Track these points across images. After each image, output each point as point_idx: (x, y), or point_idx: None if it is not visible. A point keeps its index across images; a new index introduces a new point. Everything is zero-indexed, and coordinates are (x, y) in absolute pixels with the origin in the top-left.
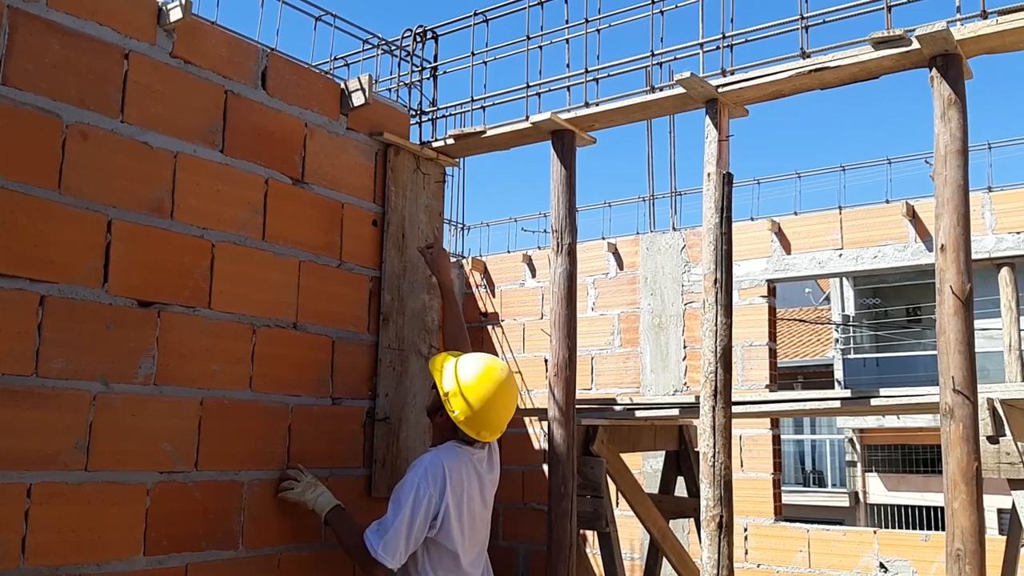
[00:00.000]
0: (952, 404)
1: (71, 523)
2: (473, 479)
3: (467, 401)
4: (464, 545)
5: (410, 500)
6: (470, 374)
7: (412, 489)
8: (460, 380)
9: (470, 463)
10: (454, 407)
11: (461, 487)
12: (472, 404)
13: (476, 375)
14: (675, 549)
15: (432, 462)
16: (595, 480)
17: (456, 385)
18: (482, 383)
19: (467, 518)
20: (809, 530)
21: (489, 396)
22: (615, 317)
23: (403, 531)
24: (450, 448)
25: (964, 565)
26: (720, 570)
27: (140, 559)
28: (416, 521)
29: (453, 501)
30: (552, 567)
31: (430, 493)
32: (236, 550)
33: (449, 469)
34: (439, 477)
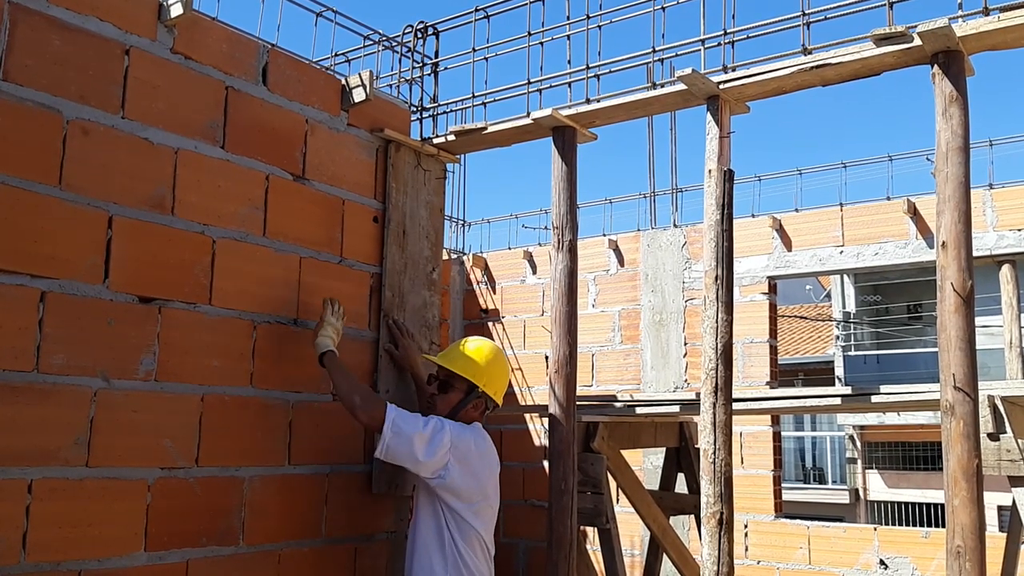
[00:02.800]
0: (953, 401)
1: (72, 519)
2: (492, 450)
3: (495, 371)
4: (490, 528)
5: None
6: (487, 349)
7: (440, 428)
8: (483, 355)
9: (486, 435)
10: (486, 379)
11: (481, 450)
12: (499, 375)
13: (491, 349)
14: (675, 545)
15: (462, 431)
16: (596, 476)
17: (482, 359)
18: (498, 355)
19: (492, 496)
20: (809, 527)
21: (504, 366)
22: (616, 314)
23: (408, 432)
24: (477, 425)
25: (964, 562)
26: (720, 567)
27: (141, 555)
28: (427, 440)
29: (487, 472)
30: (552, 563)
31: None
32: (237, 546)
33: (472, 434)
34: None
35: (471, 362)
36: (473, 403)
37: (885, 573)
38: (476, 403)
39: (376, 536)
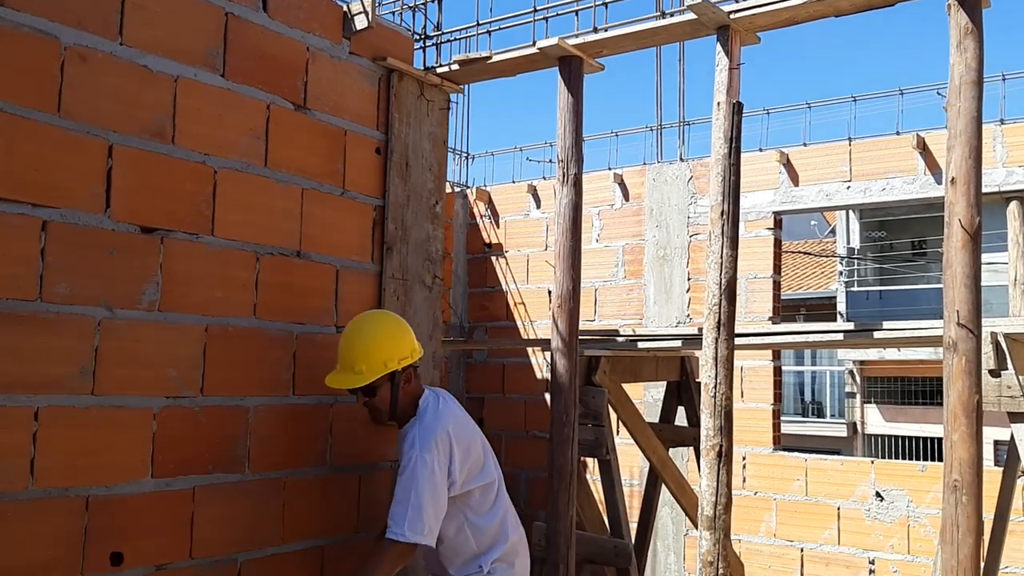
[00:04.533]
0: (956, 338)
1: (79, 446)
2: (457, 406)
3: (394, 344)
4: (492, 466)
5: (423, 473)
6: (373, 333)
7: (423, 464)
8: (375, 341)
9: (443, 394)
10: (395, 358)
11: (461, 428)
12: (398, 343)
13: (375, 330)
14: (674, 476)
15: (427, 426)
16: (597, 409)
17: (376, 346)
18: (383, 327)
19: (480, 443)
20: (807, 459)
21: (394, 327)
22: (619, 249)
23: (425, 504)
24: (429, 400)
25: (961, 495)
26: (718, 497)
27: (148, 481)
28: (437, 491)
29: (463, 448)
30: (553, 493)
31: (439, 459)
32: (243, 474)
33: (442, 421)
34: (443, 438)
35: (371, 359)
36: (403, 381)
37: (880, 505)
38: (405, 378)
39: (380, 465)
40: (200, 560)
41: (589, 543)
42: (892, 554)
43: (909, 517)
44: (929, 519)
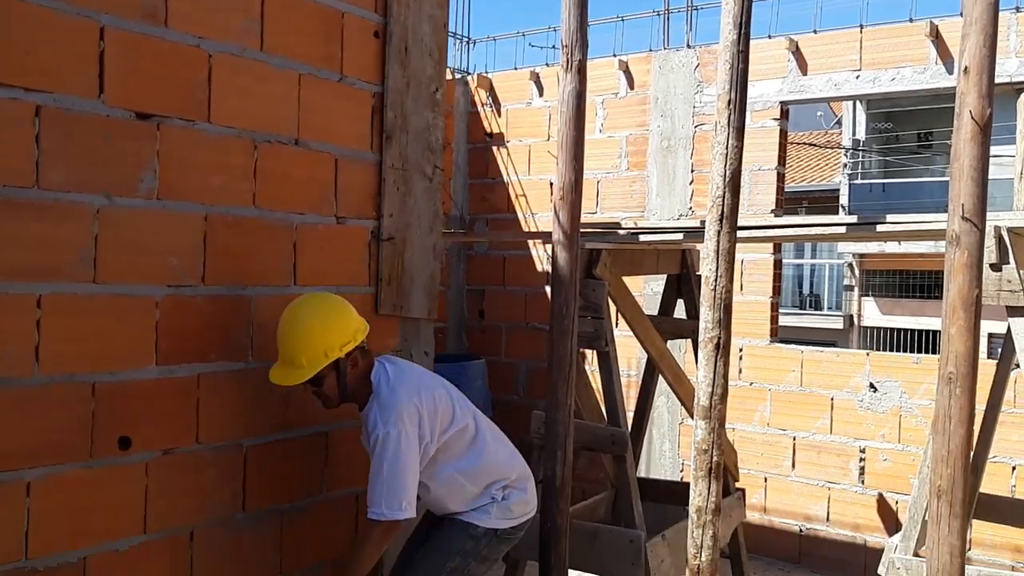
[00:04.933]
0: (959, 232)
1: (82, 333)
2: (409, 366)
3: (334, 331)
4: (461, 409)
5: (389, 449)
6: (309, 323)
7: (388, 439)
8: (313, 332)
9: (394, 360)
10: (338, 345)
11: (419, 388)
12: (338, 328)
13: (312, 321)
14: (671, 368)
15: (385, 403)
16: (597, 302)
17: (315, 337)
18: (322, 314)
19: (443, 393)
20: (803, 351)
21: (331, 311)
22: (623, 139)
23: (398, 480)
24: (380, 373)
25: (955, 387)
26: (715, 388)
27: (152, 368)
28: (408, 463)
29: (428, 407)
30: (552, 383)
31: (405, 430)
32: (246, 362)
33: (397, 393)
34: (405, 407)
35: (311, 352)
36: (350, 365)
37: (874, 395)
38: (352, 362)
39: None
40: (206, 445)
41: (587, 431)
42: (883, 443)
43: (901, 408)
44: (921, 410)
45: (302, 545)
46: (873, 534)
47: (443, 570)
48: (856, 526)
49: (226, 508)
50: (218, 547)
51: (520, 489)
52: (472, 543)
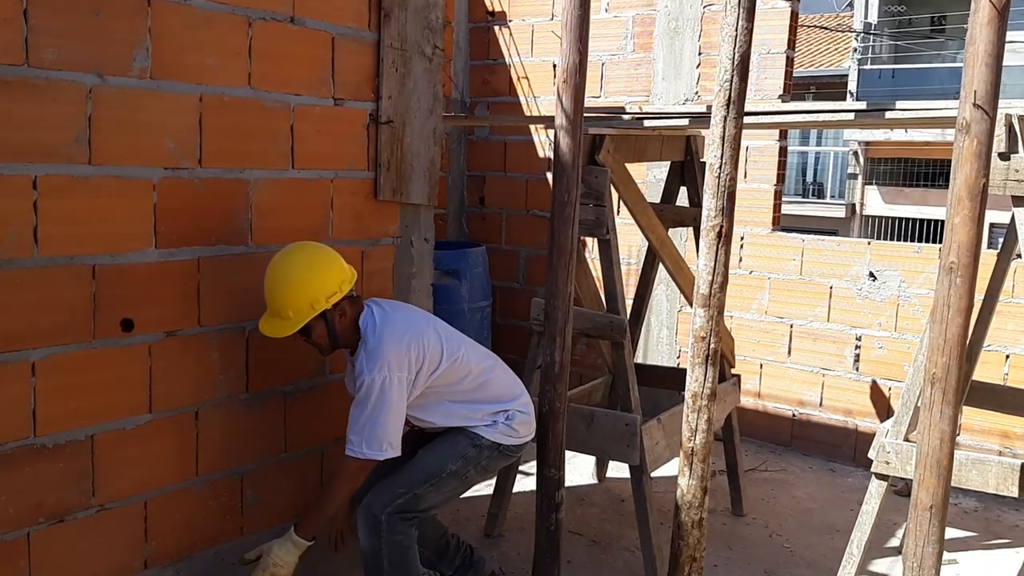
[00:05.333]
0: (970, 119)
1: (81, 215)
2: (398, 309)
3: (320, 282)
4: (447, 342)
5: (374, 394)
6: (296, 274)
7: (372, 386)
8: (301, 283)
9: (382, 303)
10: (324, 297)
11: (406, 333)
12: (325, 279)
13: (298, 271)
14: (672, 256)
15: (372, 350)
16: (599, 189)
17: (303, 288)
18: (308, 265)
19: (431, 331)
20: (804, 240)
21: (318, 262)
22: (629, 20)
23: (380, 423)
24: (367, 319)
25: (956, 277)
26: (715, 276)
27: (152, 251)
28: (392, 408)
29: (416, 351)
30: (552, 270)
31: (390, 376)
32: (246, 246)
33: (383, 341)
34: (392, 353)
35: (297, 304)
36: (337, 315)
37: (873, 284)
38: (339, 312)
39: (382, 241)
40: (208, 327)
41: (586, 318)
42: (879, 331)
43: (899, 297)
44: (919, 299)
45: (305, 426)
46: (865, 419)
47: (444, 470)
48: (848, 411)
49: (230, 389)
50: (223, 426)
51: (524, 413)
52: (475, 452)
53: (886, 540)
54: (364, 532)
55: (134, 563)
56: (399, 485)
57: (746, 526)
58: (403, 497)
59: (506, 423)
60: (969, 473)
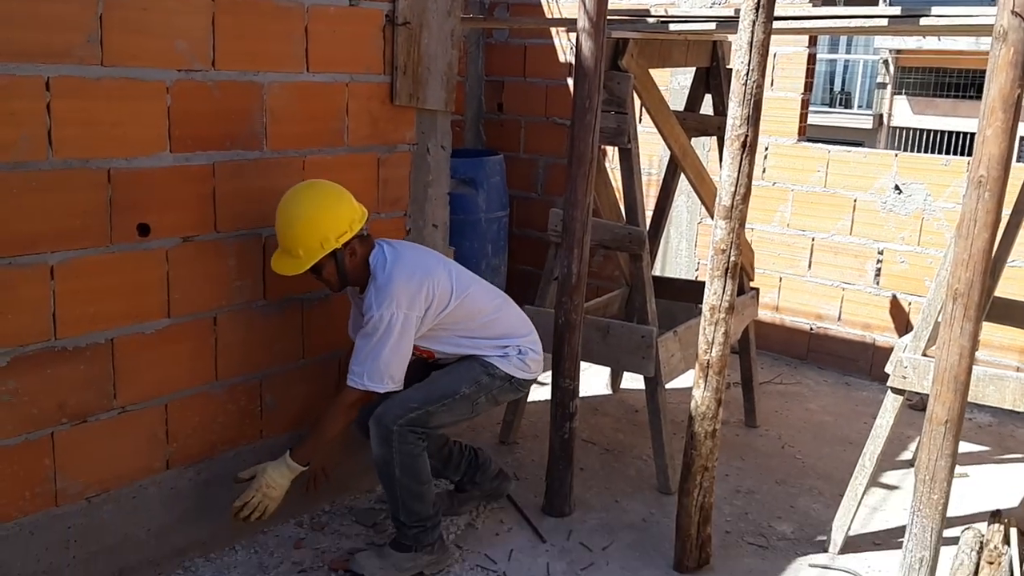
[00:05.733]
0: (1007, 27)
1: (94, 118)
2: (409, 248)
3: (331, 219)
4: (456, 280)
5: (381, 330)
6: (307, 211)
7: (380, 322)
8: (312, 221)
9: (393, 243)
10: (334, 236)
11: (415, 271)
12: (336, 217)
13: (308, 208)
14: (694, 166)
15: (381, 287)
16: (621, 96)
17: (313, 227)
18: (318, 201)
19: (441, 270)
20: (830, 151)
21: (327, 199)
22: None
23: (383, 357)
24: (378, 257)
25: (984, 191)
26: (738, 187)
27: (167, 155)
28: (398, 344)
29: (426, 290)
30: (571, 180)
31: (398, 313)
32: (261, 151)
33: (392, 278)
34: (401, 290)
35: (307, 243)
36: (347, 254)
37: (898, 197)
38: (349, 251)
39: (398, 147)
40: (225, 233)
41: (604, 229)
42: (902, 245)
43: (924, 210)
44: (944, 213)
45: (322, 333)
46: (883, 334)
47: (457, 392)
48: (867, 325)
49: (247, 295)
50: (242, 332)
51: (535, 351)
52: (488, 380)
53: (898, 453)
54: (376, 442)
55: (156, 464)
56: (412, 400)
57: (759, 437)
58: (415, 412)
59: (519, 357)
60: (986, 389)
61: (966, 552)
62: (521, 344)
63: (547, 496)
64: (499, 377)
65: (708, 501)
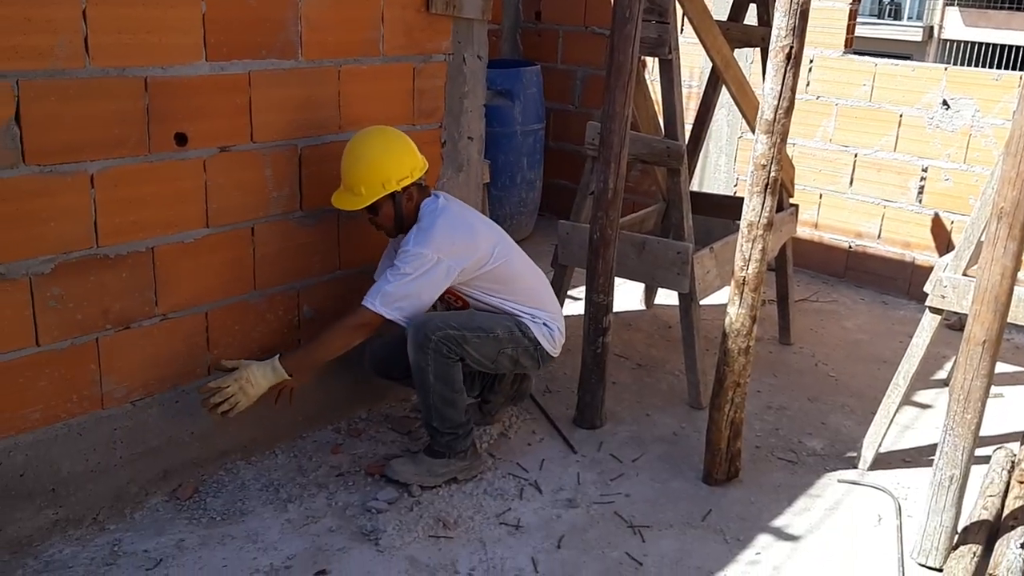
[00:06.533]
0: None
1: (130, 25)
2: (460, 204)
3: (395, 162)
4: (505, 250)
5: (411, 264)
6: (373, 150)
7: (412, 257)
8: (376, 159)
9: (449, 197)
10: (396, 178)
11: (460, 223)
12: (398, 161)
13: (375, 147)
14: (736, 78)
15: (423, 228)
16: (662, 4)
17: (377, 164)
18: (384, 143)
19: (485, 232)
20: (877, 64)
21: (394, 144)
22: None
23: (405, 288)
24: (429, 203)
25: None
26: (780, 101)
27: (203, 64)
28: (421, 281)
29: (465, 241)
30: (610, 92)
31: (431, 255)
32: (296, 60)
33: (436, 222)
34: (443, 235)
35: (370, 181)
36: (405, 199)
37: (945, 113)
38: (407, 196)
39: (434, 57)
40: (261, 144)
41: (642, 143)
42: (947, 163)
43: (972, 127)
44: (993, 130)
45: (358, 245)
46: (924, 252)
47: (493, 331)
48: (907, 244)
49: (284, 206)
50: (279, 243)
51: (560, 330)
52: (520, 335)
53: (933, 372)
54: (413, 348)
55: (198, 370)
56: (452, 320)
57: (793, 355)
58: (454, 331)
59: (547, 329)
60: None
61: (997, 471)
62: (549, 319)
63: (578, 409)
64: (528, 338)
65: (739, 416)
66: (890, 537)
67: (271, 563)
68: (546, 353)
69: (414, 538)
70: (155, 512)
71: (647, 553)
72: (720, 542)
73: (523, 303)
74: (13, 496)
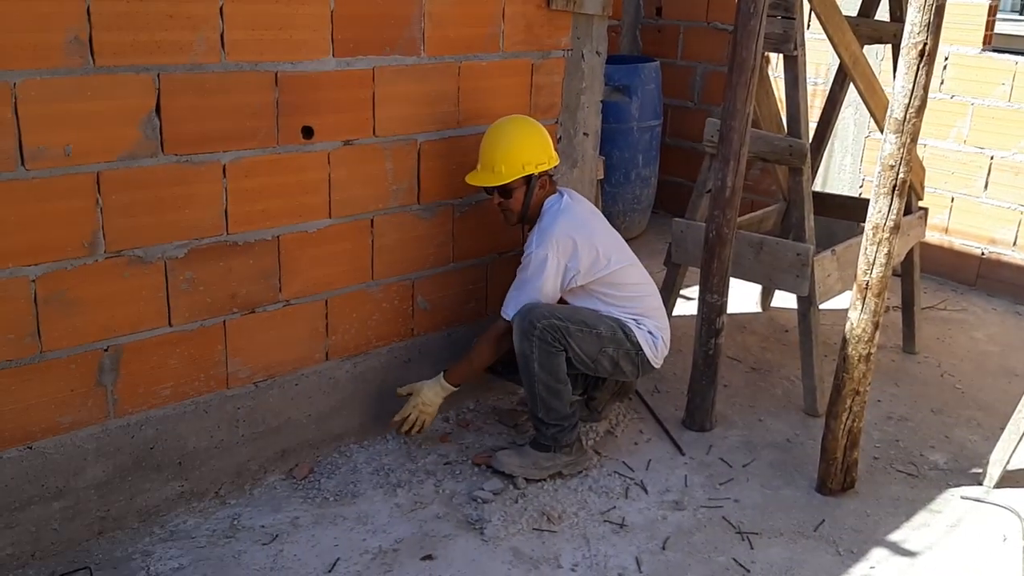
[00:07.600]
0: None
1: (263, 21)
2: (583, 204)
3: (534, 147)
4: (622, 255)
5: (533, 266)
6: (516, 133)
7: (533, 259)
8: (518, 142)
9: (574, 195)
10: (534, 162)
11: (581, 224)
12: (537, 147)
13: (517, 130)
14: (865, 75)
15: (545, 227)
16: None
17: (518, 147)
18: (525, 128)
19: (602, 235)
20: (1017, 62)
21: (533, 132)
22: None
23: (530, 293)
24: (553, 201)
25: None
26: (912, 100)
27: (330, 60)
28: (546, 282)
29: (584, 242)
30: (731, 88)
31: (550, 255)
32: (418, 56)
33: (558, 221)
34: (561, 236)
35: (510, 160)
36: (538, 186)
37: None
38: (540, 184)
39: (552, 53)
40: (383, 138)
41: (763, 141)
42: None
43: None
44: None
45: (471, 239)
46: None
47: (596, 328)
48: None
49: (403, 199)
50: (397, 234)
51: (665, 341)
52: (622, 337)
53: None
54: (518, 335)
55: (316, 355)
56: (558, 312)
57: (917, 364)
58: (559, 321)
59: (652, 337)
60: None
61: None
62: (654, 328)
63: (688, 410)
64: (631, 342)
65: (857, 425)
66: (1015, 558)
67: (380, 545)
68: (647, 361)
69: (518, 530)
70: (272, 489)
71: (755, 560)
72: (832, 553)
73: (633, 309)
74: (143, 467)
